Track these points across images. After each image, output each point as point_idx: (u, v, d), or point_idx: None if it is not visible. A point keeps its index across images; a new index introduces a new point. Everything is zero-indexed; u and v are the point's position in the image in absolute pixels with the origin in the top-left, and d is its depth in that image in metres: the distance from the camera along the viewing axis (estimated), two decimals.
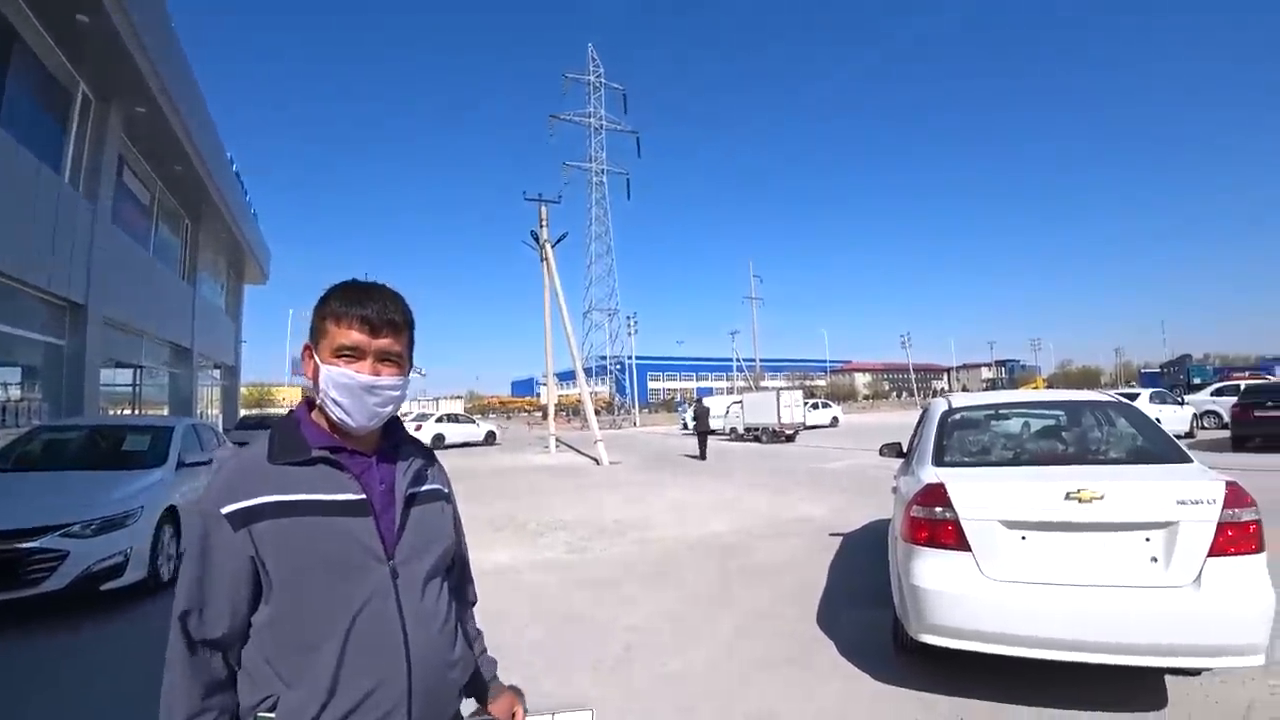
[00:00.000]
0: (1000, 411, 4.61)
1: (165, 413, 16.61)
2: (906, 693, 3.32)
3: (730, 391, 50.73)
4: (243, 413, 27.05)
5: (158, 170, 15.41)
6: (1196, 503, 2.85)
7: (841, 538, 7.07)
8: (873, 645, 3.93)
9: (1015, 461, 3.76)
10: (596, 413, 25.25)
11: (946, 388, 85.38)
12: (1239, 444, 14.25)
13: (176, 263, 18.38)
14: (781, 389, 28.80)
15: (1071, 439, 4.06)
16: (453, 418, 28.41)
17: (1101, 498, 2.91)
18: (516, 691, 1.38)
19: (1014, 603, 2.92)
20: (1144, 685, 3.21)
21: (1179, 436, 16.79)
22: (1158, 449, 3.56)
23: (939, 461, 3.65)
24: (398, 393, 1.16)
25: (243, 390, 34.92)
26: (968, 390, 34.07)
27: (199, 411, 19.83)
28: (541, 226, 22.87)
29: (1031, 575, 2.96)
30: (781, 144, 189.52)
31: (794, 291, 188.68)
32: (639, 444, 26.07)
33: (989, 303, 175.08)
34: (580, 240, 62.65)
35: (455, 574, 1.33)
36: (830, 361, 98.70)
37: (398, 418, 1.23)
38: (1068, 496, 2.95)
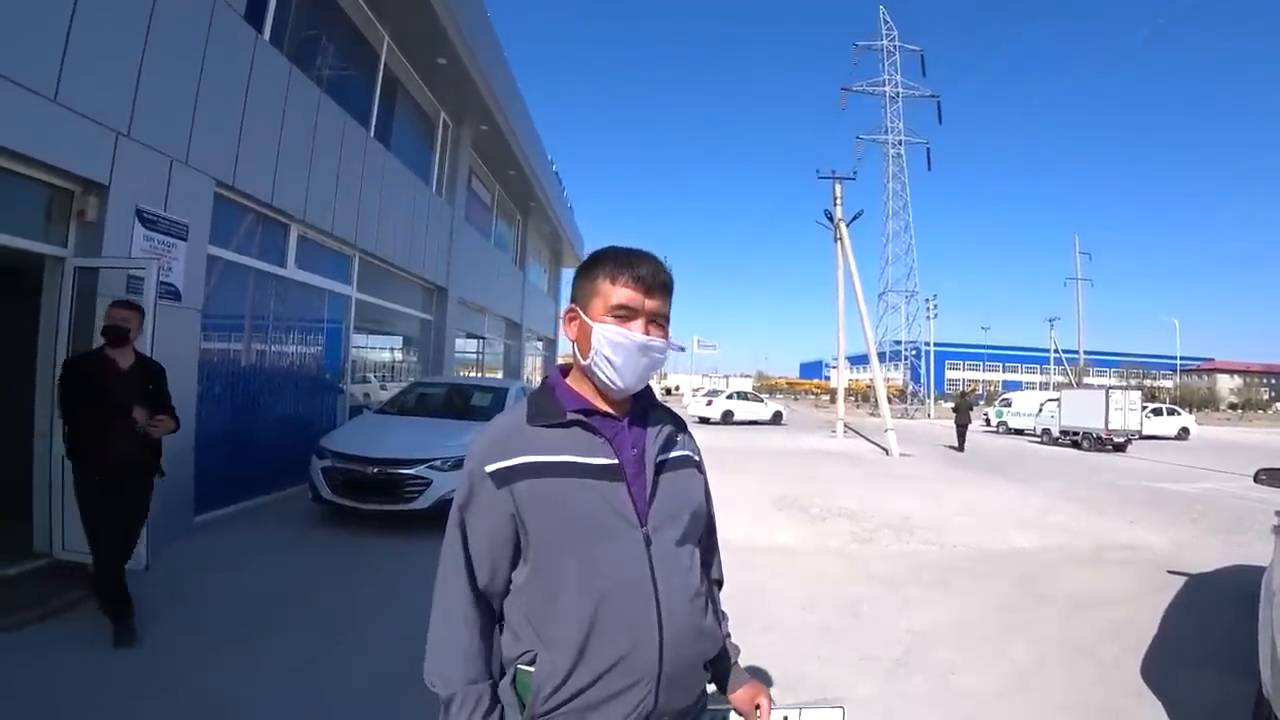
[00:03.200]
0: None
1: (501, 376, 19.87)
2: None
3: (1045, 387, 43.52)
4: None
5: (496, 176, 18.33)
6: None
7: (1186, 578, 5.67)
8: (1217, 718, 3.11)
9: None
10: (889, 401, 23.73)
11: None
12: None
13: (511, 251, 21.74)
14: (1112, 388, 23.81)
15: None
16: (742, 395, 29.29)
17: None
18: (761, 682, 1.31)
19: None
20: None
21: None
22: None
23: None
24: (664, 355, 1.16)
25: (560, 360, 40.26)
26: None
27: (526, 375, 23.31)
28: (836, 204, 22.05)
29: None
30: (1111, 102, 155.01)
31: (1134, 273, 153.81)
32: (932, 437, 23.88)
33: None
34: (876, 218, 58.56)
35: (703, 544, 1.29)
36: (1182, 359, 78.00)
37: (648, 384, 1.21)
38: None
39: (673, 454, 1.20)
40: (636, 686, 1.04)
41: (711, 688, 1.27)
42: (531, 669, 1.06)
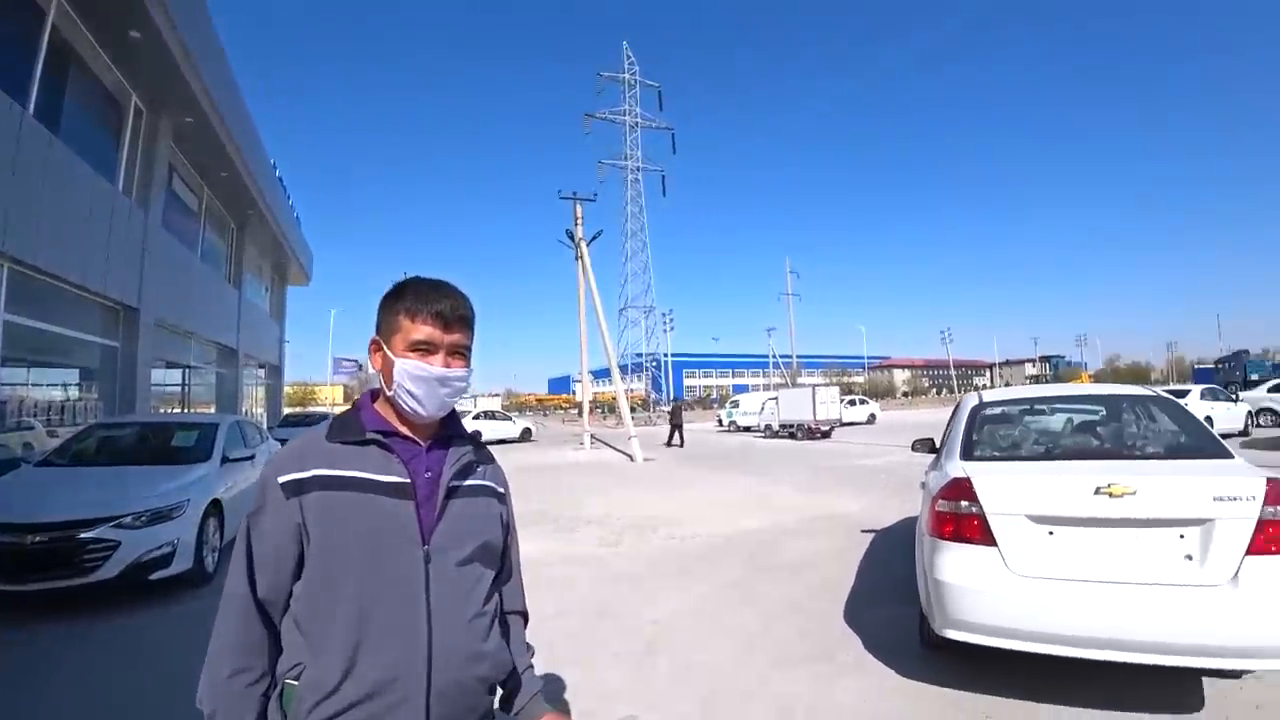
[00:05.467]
0: (1035, 406, 4.44)
1: (212, 410, 17.23)
2: (931, 689, 3.28)
3: (767, 389, 50.38)
4: (286, 411, 27.86)
5: (205, 177, 15.96)
6: (1235, 499, 2.74)
7: (874, 534, 7.00)
8: (899, 642, 3.89)
9: (1046, 456, 3.61)
10: (632, 410, 25.34)
11: (988, 384, 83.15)
12: None
13: (223, 265, 19.01)
14: (817, 385, 28.48)
15: (1107, 434, 3.92)
16: (489, 414, 28.78)
17: (1134, 493, 2.81)
18: (562, 712, 1.29)
19: (1041, 599, 2.84)
20: (1179, 686, 3.11)
21: (1232, 434, 16.39)
22: (1198, 444, 3.43)
23: (967, 456, 3.57)
24: (465, 384, 1.21)
25: (286, 389, 35.95)
26: (1010, 387, 33.11)
27: (244, 409, 20.48)
28: (577, 225, 23.00)
29: (1059, 571, 2.88)
30: (818, 139, 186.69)
31: (832, 288, 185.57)
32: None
33: (1033, 298, 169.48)
34: (616, 238, 62.93)
35: (504, 578, 1.32)
36: (868, 358, 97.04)
37: (455, 412, 1.27)
38: (1097, 491, 2.85)
39: (469, 481, 1.23)
40: (404, 705, 1.04)
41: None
42: (297, 684, 1.06)
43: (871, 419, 34.36)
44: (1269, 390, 20.20)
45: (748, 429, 31.30)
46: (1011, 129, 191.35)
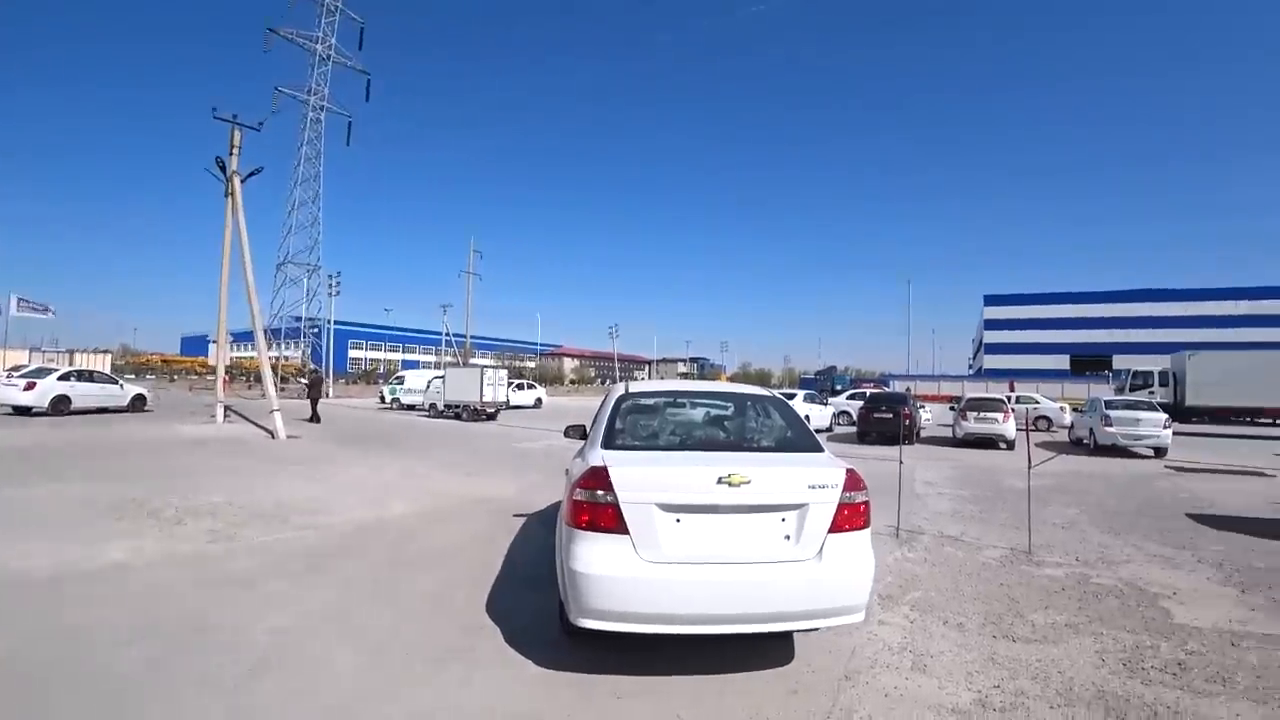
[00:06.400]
0: (678, 400, 4.82)
1: None
2: (567, 676, 3.37)
3: (438, 366, 48.94)
4: None
5: None
6: (822, 487, 3.32)
7: (525, 518, 7.17)
8: (541, 630, 3.93)
9: (680, 446, 3.97)
10: (285, 380, 22.40)
11: (647, 377, 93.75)
12: (862, 438, 18.23)
13: None
14: (486, 366, 28.63)
15: (733, 427, 4.46)
16: (86, 375, 21.60)
17: (749, 482, 3.25)
18: None
19: (667, 583, 3.12)
20: (776, 644, 3.70)
21: (821, 430, 21.19)
22: (799, 439, 4.04)
23: (608, 445, 3.76)
24: None
25: None
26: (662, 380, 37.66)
27: None
28: (232, 153, 19.17)
29: (684, 556, 3.19)
30: (514, 126, 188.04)
31: (513, 272, 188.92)
32: (332, 418, 23.60)
33: (689, 306, 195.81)
34: (283, 181, 54.07)
35: None
36: (541, 345, 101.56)
37: None
38: (720, 481, 3.23)
39: None
40: None
41: None
42: None
43: (538, 403, 35.64)
44: (847, 398, 26.63)
45: (412, 407, 30.02)
46: (683, 149, 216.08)
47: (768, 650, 3.67)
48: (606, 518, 3.23)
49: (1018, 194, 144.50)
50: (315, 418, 20.63)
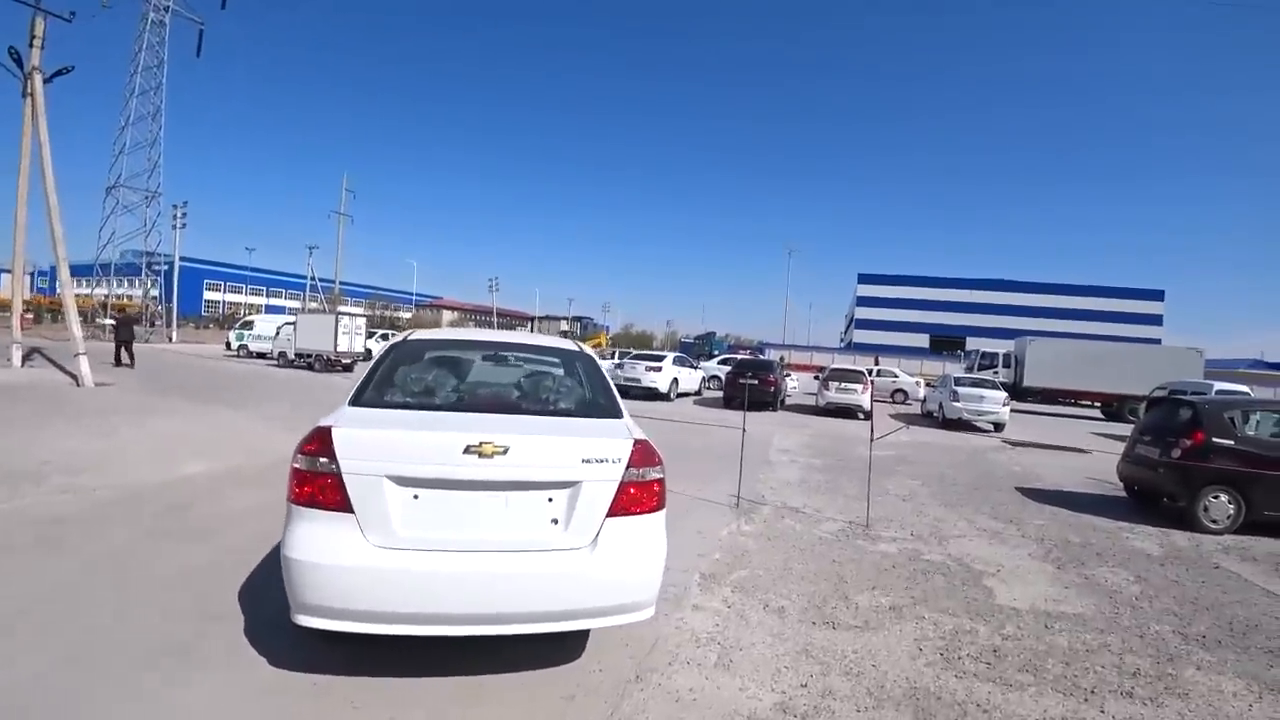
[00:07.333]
0: (466, 351, 4.05)
1: None
2: (305, 679, 2.72)
3: (303, 312, 45.03)
4: None
5: None
6: (601, 461, 2.73)
7: None
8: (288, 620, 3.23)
9: (449, 407, 3.23)
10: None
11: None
12: (728, 402, 18.18)
13: None
14: (343, 313, 26.40)
15: (528, 386, 3.71)
16: None
17: (505, 452, 2.60)
18: None
19: (401, 575, 2.48)
20: (567, 637, 3.07)
21: (689, 394, 21.09)
22: (599, 403, 3.42)
23: (356, 401, 3.06)
24: None
25: None
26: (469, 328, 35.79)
27: None
28: (33, 45, 15.93)
29: (421, 541, 2.55)
30: (390, 51, 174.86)
31: (390, 218, 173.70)
32: (164, 364, 20.90)
33: (574, 264, 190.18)
34: (116, 89, 46.11)
35: None
36: (419, 295, 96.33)
37: None
38: (467, 450, 2.57)
39: None
40: None
41: None
42: None
43: None
44: (718, 363, 26.50)
45: (262, 356, 27.44)
46: (585, 105, 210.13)
47: (555, 645, 3.08)
48: (327, 492, 2.53)
49: (893, 180, 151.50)
50: (126, 362, 18.35)
